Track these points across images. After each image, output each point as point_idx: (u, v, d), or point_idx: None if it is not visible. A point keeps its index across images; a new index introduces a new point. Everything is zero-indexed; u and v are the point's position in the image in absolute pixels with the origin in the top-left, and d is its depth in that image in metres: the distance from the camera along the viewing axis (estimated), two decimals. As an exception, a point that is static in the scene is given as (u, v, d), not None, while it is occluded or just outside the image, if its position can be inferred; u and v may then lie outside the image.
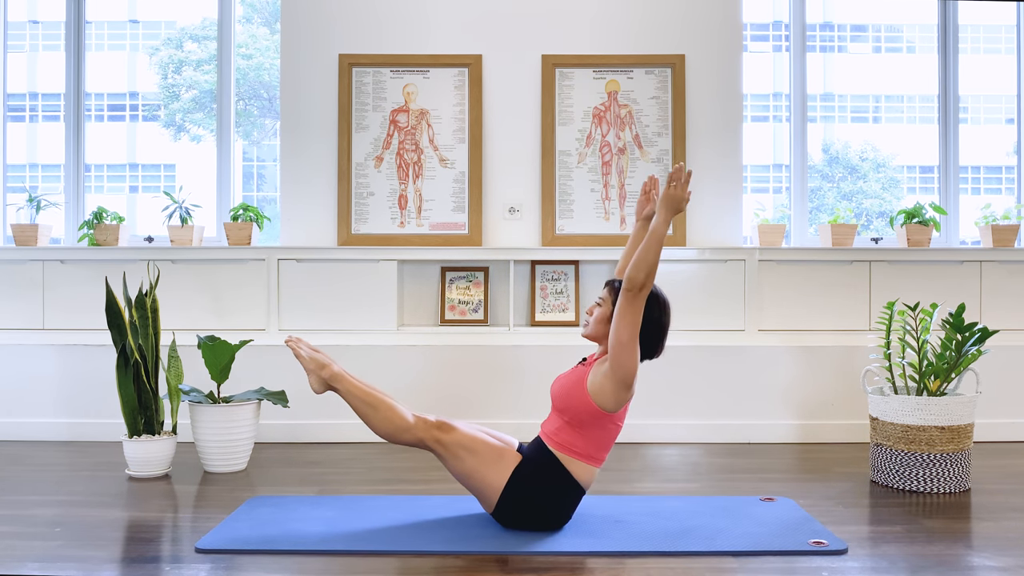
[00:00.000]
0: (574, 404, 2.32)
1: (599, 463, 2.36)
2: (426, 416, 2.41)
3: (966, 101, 4.33)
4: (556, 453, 2.32)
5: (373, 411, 2.40)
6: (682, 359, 3.68)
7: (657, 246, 2.22)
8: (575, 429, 2.32)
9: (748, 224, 4.05)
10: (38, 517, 2.51)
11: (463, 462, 2.33)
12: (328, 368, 2.47)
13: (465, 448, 2.33)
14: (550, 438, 2.35)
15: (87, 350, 3.67)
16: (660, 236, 2.23)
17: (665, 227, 2.25)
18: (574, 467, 2.32)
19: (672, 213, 2.28)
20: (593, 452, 2.33)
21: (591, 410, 2.29)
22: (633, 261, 2.22)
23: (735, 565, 2.12)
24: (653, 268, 2.21)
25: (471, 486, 2.35)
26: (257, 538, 2.29)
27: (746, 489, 2.88)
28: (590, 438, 2.32)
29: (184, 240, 3.87)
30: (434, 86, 3.94)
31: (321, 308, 3.75)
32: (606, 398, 2.28)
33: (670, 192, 2.29)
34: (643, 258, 2.21)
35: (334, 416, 3.65)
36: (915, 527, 2.45)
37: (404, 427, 2.38)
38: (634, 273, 2.21)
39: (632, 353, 2.24)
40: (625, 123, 3.94)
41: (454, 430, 2.36)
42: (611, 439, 2.36)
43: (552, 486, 2.31)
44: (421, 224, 3.91)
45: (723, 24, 3.95)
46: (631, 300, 2.22)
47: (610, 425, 2.33)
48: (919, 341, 2.99)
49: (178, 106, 4.61)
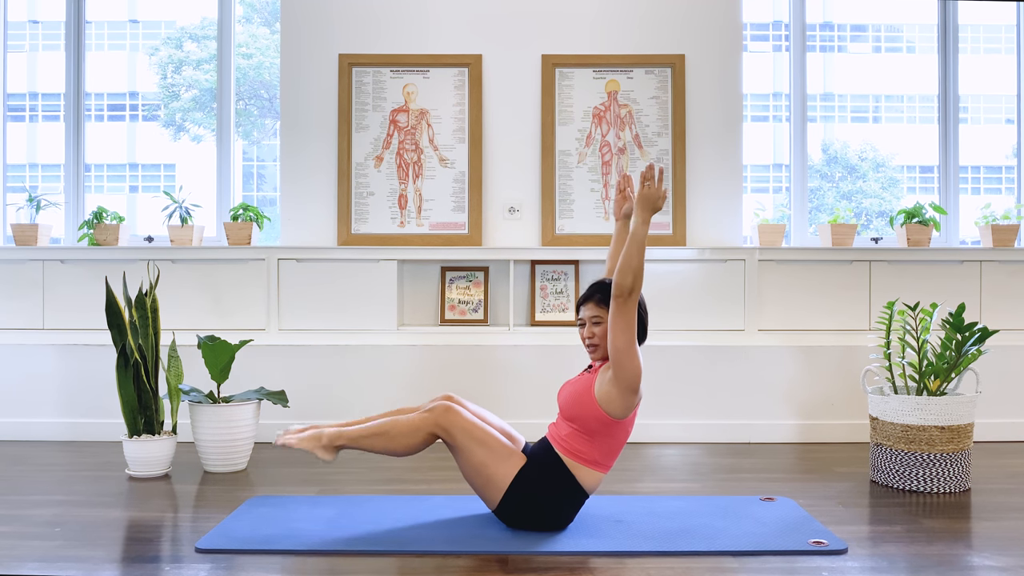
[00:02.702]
0: (583, 412, 2.30)
1: (606, 469, 2.35)
2: (429, 406, 2.37)
3: (966, 101, 4.33)
4: (563, 457, 2.31)
5: (386, 439, 2.35)
6: (682, 359, 3.68)
7: (639, 249, 2.19)
8: (584, 436, 2.31)
9: (748, 224, 4.05)
10: (38, 517, 2.51)
11: (473, 454, 2.30)
12: (323, 435, 2.39)
13: (476, 440, 2.30)
14: (558, 443, 2.34)
15: (87, 350, 3.67)
16: (641, 238, 2.21)
17: (644, 228, 2.22)
18: (580, 472, 2.31)
19: (650, 213, 2.26)
20: (601, 459, 2.32)
21: (600, 418, 2.28)
22: (619, 267, 2.21)
23: (735, 565, 2.12)
24: (639, 271, 2.19)
25: (477, 481, 2.33)
26: (257, 538, 2.29)
27: (746, 489, 2.88)
28: (599, 445, 2.31)
29: (184, 240, 3.87)
30: (434, 86, 3.94)
31: (321, 308, 3.75)
32: (614, 405, 2.26)
33: (645, 192, 2.27)
34: (627, 263, 2.19)
35: (334, 416, 3.65)
36: (915, 527, 2.45)
37: (414, 432, 2.33)
38: (621, 279, 2.20)
39: (633, 356, 2.24)
40: (625, 123, 3.94)
41: (458, 415, 2.31)
42: (620, 446, 2.35)
43: (556, 489, 2.30)
44: (421, 224, 3.91)
45: (723, 24, 3.95)
46: (622, 306, 2.21)
47: (619, 432, 2.32)
48: (919, 341, 2.99)
49: (178, 106, 4.61)
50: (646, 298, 3.72)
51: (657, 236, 3.88)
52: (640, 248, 2.20)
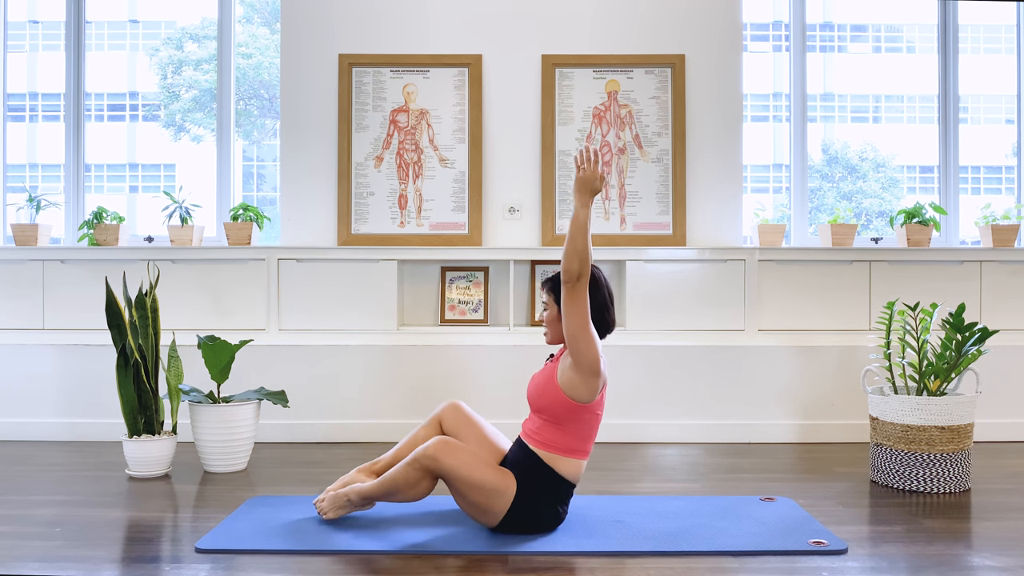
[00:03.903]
0: (550, 402, 2.31)
1: (584, 455, 2.36)
2: (415, 455, 2.30)
3: (966, 101, 4.33)
4: (539, 452, 2.32)
5: (400, 496, 2.34)
6: (682, 359, 3.68)
7: (581, 232, 2.19)
8: (555, 426, 2.32)
9: (748, 224, 4.05)
10: (38, 517, 2.51)
11: (468, 495, 2.27)
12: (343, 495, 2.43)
13: (469, 484, 2.25)
14: (531, 437, 2.35)
15: (87, 350, 3.67)
16: (582, 221, 2.20)
17: (585, 211, 2.22)
18: (559, 464, 2.31)
19: (589, 196, 2.25)
20: (576, 445, 2.33)
21: (567, 404, 2.29)
22: (564, 253, 2.21)
23: (735, 565, 2.12)
24: (585, 254, 2.19)
25: (472, 512, 2.33)
26: (257, 538, 2.29)
27: (746, 489, 2.88)
28: (571, 432, 2.32)
29: (184, 240, 3.87)
30: (434, 86, 3.94)
31: (321, 308, 3.75)
32: (578, 390, 2.28)
33: (581, 176, 2.27)
34: (572, 247, 2.20)
35: (334, 416, 3.65)
36: (915, 527, 2.45)
37: (417, 484, 2.31)
38: (568, 264, 2.20)
39: (588, 341, 2.24)
40: (625, 123, 3.94)
41: (444, 459, 2.24)
42: (592, 430, 2.35)
43: (544, 491, 2.30)
44: (421, 224, 3.91)
45: (723, 24, 3.95)
46: (571, 291, 2.22)
47: (588, 416, 2.33)
48: (919, 341, 2.99)
49: (178, 106, 4.61)
50: (646, 297, 3.74)
51: (657, 236, 3.88)
52: (582, 231, 2.20)
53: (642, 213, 3.91)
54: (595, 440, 2.39)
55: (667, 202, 3.91)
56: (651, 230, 3.90)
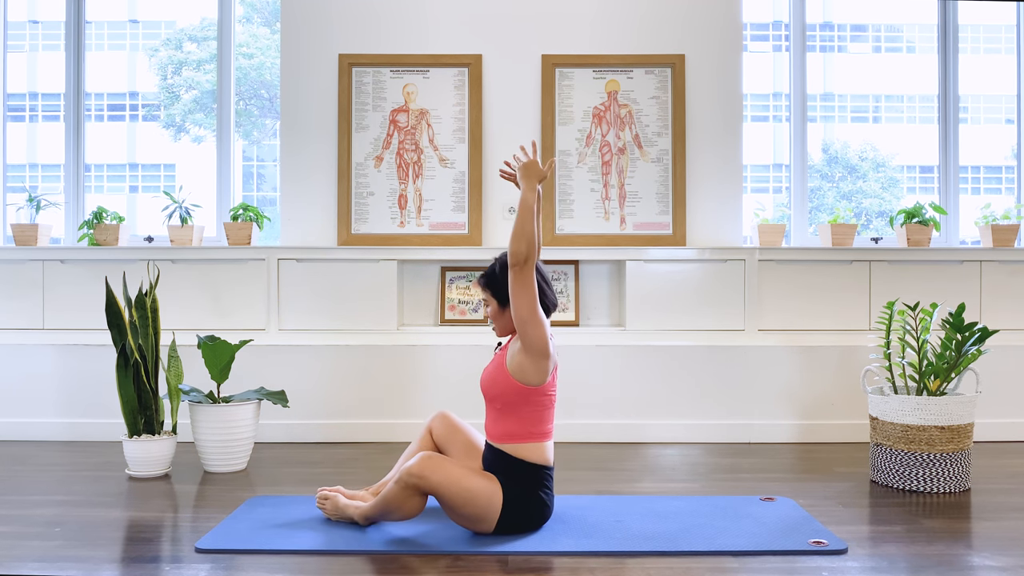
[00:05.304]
0: (502, 390, 2.33)
1: (545, 438, 2.36)
2: (400, 474, 2.27)
3: (966, 101, 4.33)
4: (503, 448, 2.33)
5: (396, 515, 2.33)
6: (682, 359, 3.68)
7: (529, 214, 2.26)
8: (508, 414, 2.33)
9: (748, 224, 4.05)
10: (38, 517, 2.51)
11: (458, 510, 2.27)
12: (345, 508, 2.43)
13: (458, 496, 2.24)
14: (491, 435, 2.37)
15: (87, 350, 3.67)
16: (529, 204, 2.28)
17: (532, 194, 2.31)
18: (524, 451, 2.32)
19: (535, 180, 2.35)
20: (533, 429, 2.33)
21: (518, 389, 2.31)
22: (511, 234, 2.25)
23: (735, 565, 2.13)
24: (532, 237, 2.24)
25: (463, 524, 2.32)
26: (257, 538, 2.29)
27: (746, 489, 2.88)
28: (525, 417, 2.33)
29: (184, 240, 3.87)
30: (434, 86, 3.94)
31: (321, 308, 3.75)
32: (528, 374, 2.30)
33: (524, 165, 2.38)
34: (520, 229, 2.24)
35: (334, 416, 3.65)
36: (915, 527, 2.45)
37: (407, 502, 2.28)
38: (515, 247, 2.23)
39: (537, 323, 2.27)
40: (625, 123, 3.94)
41: (431, 475, 2.22)
42: (547, 411, 2.37)
43: (526, 484, 2.30)
44: (421, 224, 3.91)
45: (723, 24, 3.95)
46: (519, 274, 2.25)
47: (541, 398, 2.34)
48: (919, 341, 2.99)
49: (178, 107, 4.61)
50: (646, 296, 3.74)
51: (657, 236, 3.88)
52: (530, 213, 2.26)
53: (642, 213, 3.91)
54: (553, 422, 2.40)
55: (667, 202, 3.91)
56: (651, 230, 3.90)
